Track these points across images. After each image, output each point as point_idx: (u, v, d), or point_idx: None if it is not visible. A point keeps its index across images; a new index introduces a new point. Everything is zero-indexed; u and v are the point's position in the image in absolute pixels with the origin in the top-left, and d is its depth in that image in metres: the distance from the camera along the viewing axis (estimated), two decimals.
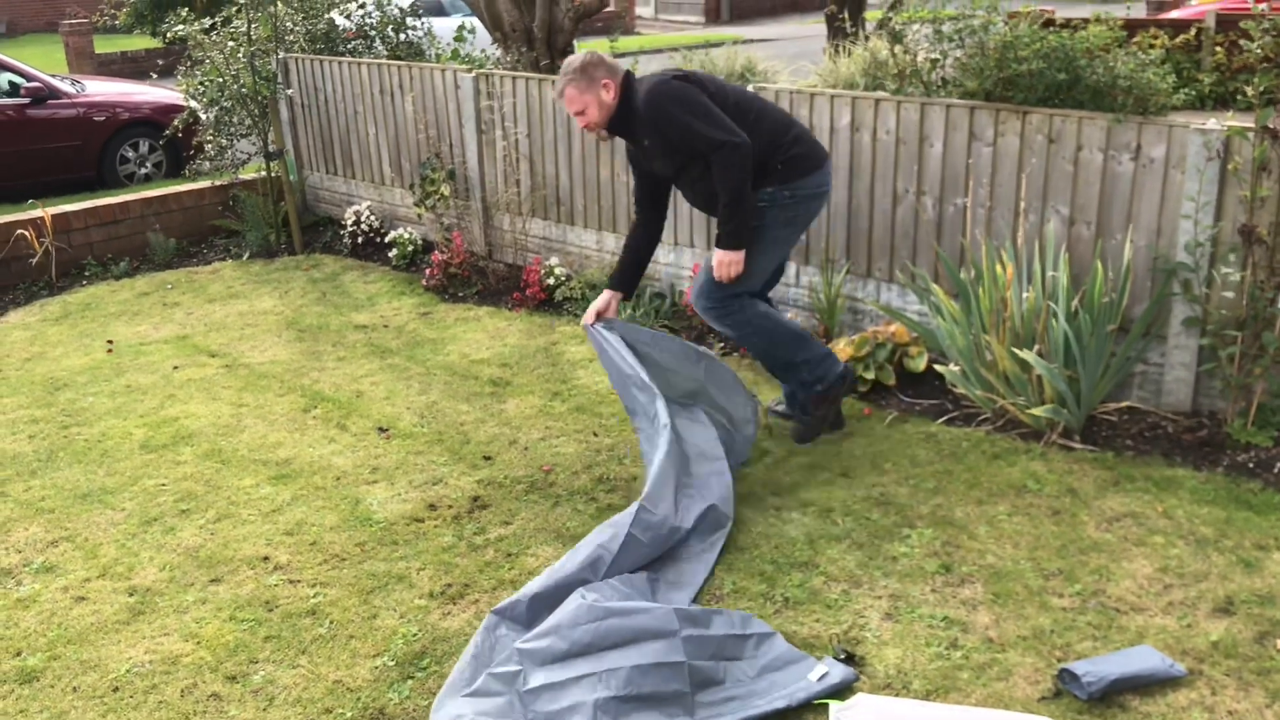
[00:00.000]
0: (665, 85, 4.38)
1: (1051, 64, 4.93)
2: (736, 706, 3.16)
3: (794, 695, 3.18)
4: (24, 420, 5.34)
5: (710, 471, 4.19)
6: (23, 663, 3.49)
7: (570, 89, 4.39)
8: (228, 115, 8.31)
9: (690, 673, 3.19)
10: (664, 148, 4.40)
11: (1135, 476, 4.37)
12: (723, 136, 4.25)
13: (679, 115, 4.30)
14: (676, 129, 4.31)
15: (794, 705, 3.16)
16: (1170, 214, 4.65)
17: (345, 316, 6.71)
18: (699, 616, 3.40)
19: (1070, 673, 3.19)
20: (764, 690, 3.22)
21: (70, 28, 20.17)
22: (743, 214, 4.36)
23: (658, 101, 4.34)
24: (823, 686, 3.21)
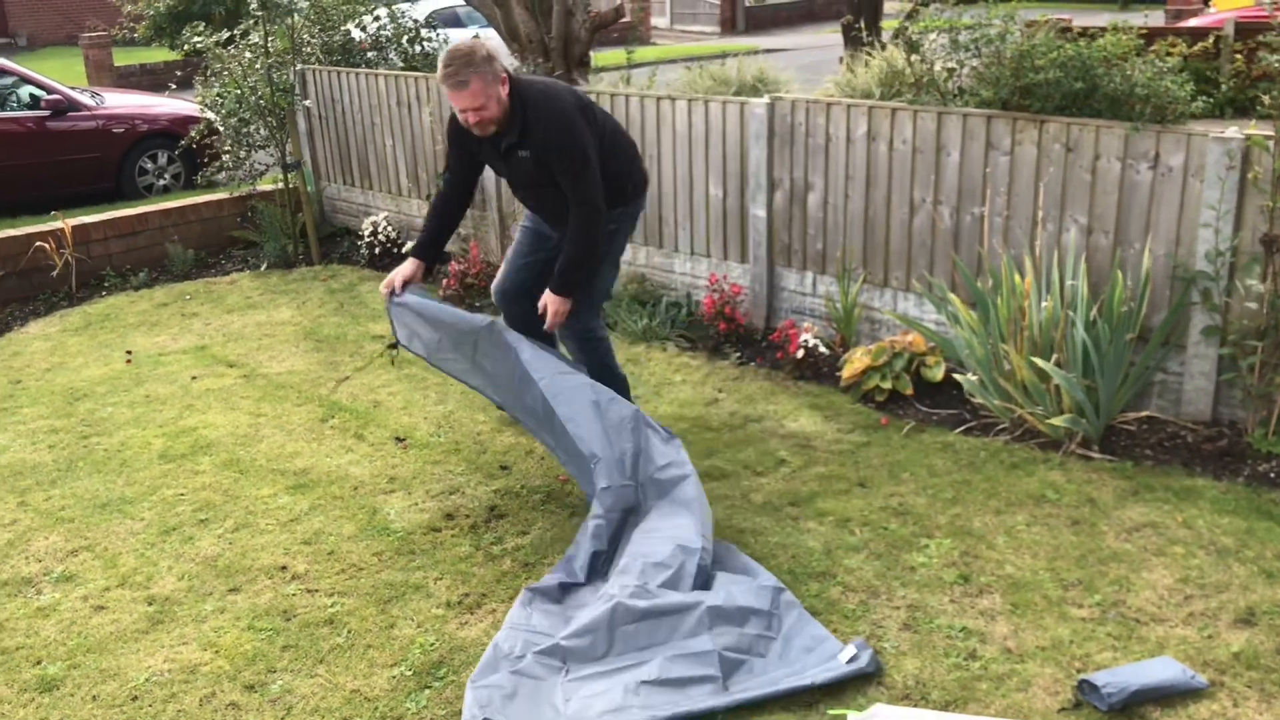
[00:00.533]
0: (570, 118, 4.29)
1: (1068, 73, 4.92)
2: (765, 683, 3.27)
3: (820, 675, 3.27)
4: (44, 430, 5.37)
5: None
6: (43, 671, 3.51)
7: (475, 80, 4.11)
8: (246, 126, 8.35)
9: (721, 661, 3.32)
10: (537, 166, 4.33)
11: (1155, 486, 4.34)
12: (598, 199, 4.33)
13: (576, 157, 4.28)
14: (566, 166, 4.29)
15: (819, 684, 3.24)
16: (1189, 223, 4.63)
17: (363, 327, 6.73)
18: (732, 613, 3.48)
19: (1090, 684, 3.18)
20: (793, 669, 3.32)
21: (90, 40, 20.33)
22: (586, 270, 4.45)
23: (556, 129, 4.26)
24: (850, 668, 3.29)
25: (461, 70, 4.11)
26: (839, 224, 5.73)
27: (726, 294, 6.06)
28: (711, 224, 6.27)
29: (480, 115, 4.18)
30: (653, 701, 3.22)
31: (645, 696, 3.23)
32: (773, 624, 3.50)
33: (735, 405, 5.29)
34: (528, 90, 4.29)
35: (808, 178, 5.79)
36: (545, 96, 4.31)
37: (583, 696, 3.26)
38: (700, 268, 6.39)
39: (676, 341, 6.07)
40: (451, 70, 4.12)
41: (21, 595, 3.95)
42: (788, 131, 5.79)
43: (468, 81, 4.11)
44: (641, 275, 6.65)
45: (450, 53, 4.18)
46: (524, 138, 4.27)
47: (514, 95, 4.23)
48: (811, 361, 5.59)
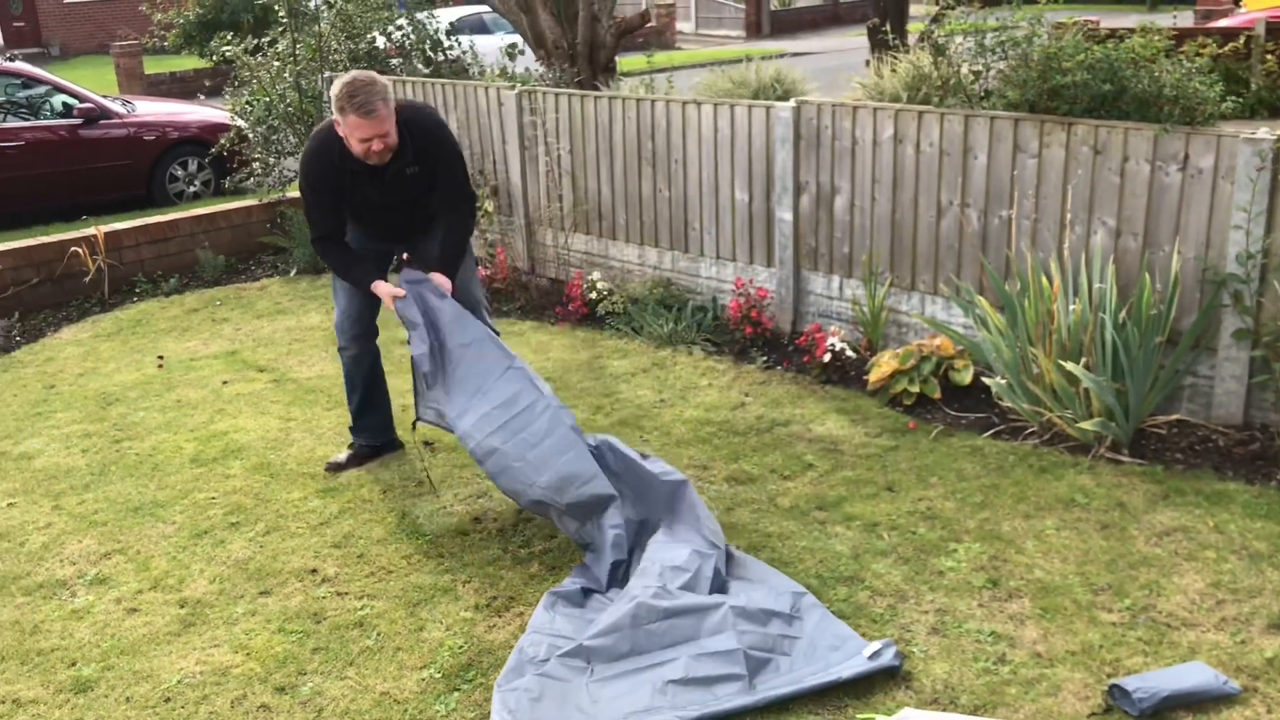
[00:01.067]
0: (444, 126, 4.54)
1: (1096, 75, 4.89)
2: (791, 680, 3.29)
3: (845, 670, 3.30)
4: (77, 435, 5.43)
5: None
6: (77, 673, 3.55)
7: (383, 107, 4.14)
8: (274, 134, 8.42)
9: (746, 659, 3.34)
10: (424, 178, 4.43)
11: (1185, 490, 4.31)
12: (472, 190, 4.67)
13: (457, 160, 4.55)
14: (449, 170, 4.49)
15: (844, 680, 3.26)
16: (1220, 225, 4.60)
17: (391, 331, 6.74)
18: (755, 614, 3.50)
19: (1121, 689, 3.16)
20: (817, 667, 3.33)
21: (121, 49, 20.55)
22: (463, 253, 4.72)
23: (444, 138, 4.47)
24: (874, 664, 3.31)
25: (371, 98, 4.10)
26: (865, 227, 5.72)
27: (753, 298, 6.07)
28: (737, 228, 6.27)
29: (385, 142, 4.20)
30: (680, 701, 3.23)
31: (673, 696, 3.24)
32: (794, 625, 3.51)
33: (762, 409, 5.29)
34: (399, 112, 4.31)
35: (834, 181, 5.78)
36: (417, 113, 4.44)
37: (609, 697, 3.27)
38: (726, 272, 6.39)
39: (702, 345, 6.08)
40: (361, 100, 4.09)
41: (56, 598, 4.00)
42: (814, 135, 5.79)
43: (376, 109, 4.11)
44: (667, 279, 6.66)
45: (352, 82, 4.13)
46: (415, 156, 4.36)
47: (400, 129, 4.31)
48: (838, 365, 5.58)
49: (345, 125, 4.17)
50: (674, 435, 5.04)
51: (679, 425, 5.14)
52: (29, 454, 5.24)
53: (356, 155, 4.25)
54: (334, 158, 4.32)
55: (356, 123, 4.12)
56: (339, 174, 4.35)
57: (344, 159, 4.30)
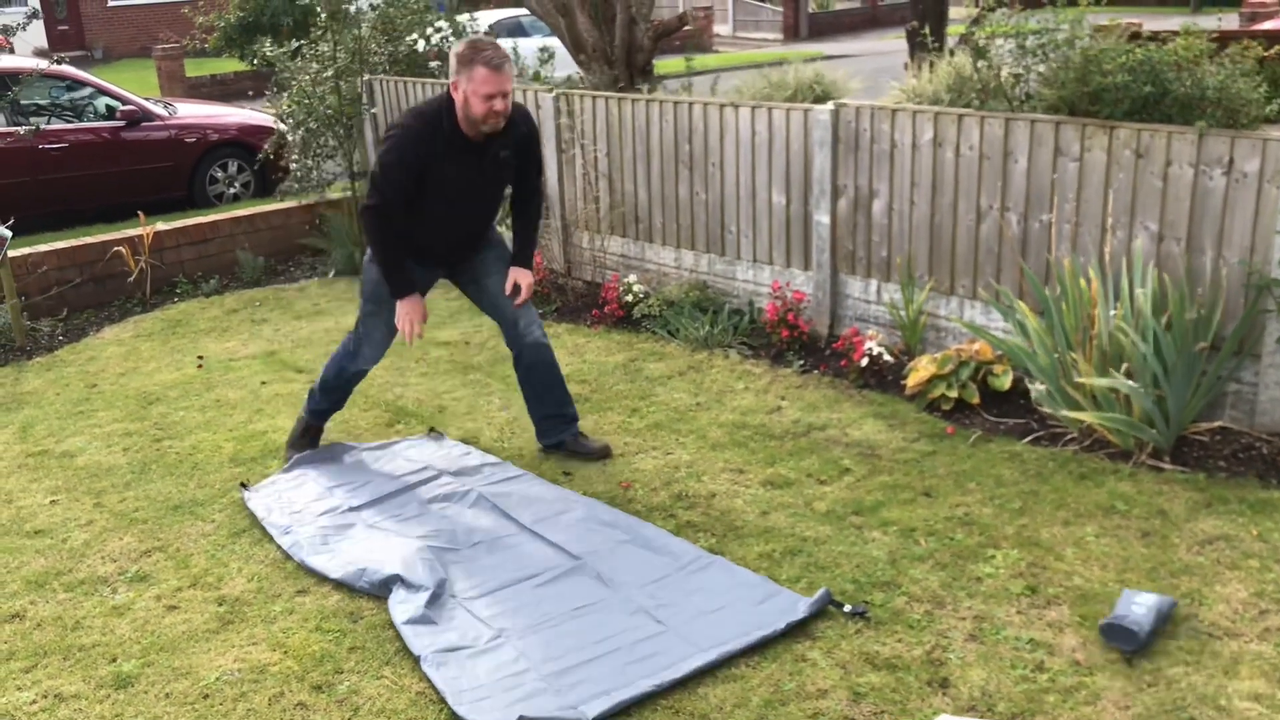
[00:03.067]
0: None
1: (1137, 77, 4.84)
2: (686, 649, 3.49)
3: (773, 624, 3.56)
4: (119, 434, 5.49)
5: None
6: (118, 669, 3.59)
7: (508, 66, 4.17)
8: (314, 137, 8.48)
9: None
10: (513, 164, 4.49)
11: (1228, 498, 4.26)
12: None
13: (538, 144, 4.66)
14: (538, 158, 4.66)
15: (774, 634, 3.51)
16: (1265, 229, 4.54)
17: (428, 333, 6.79)
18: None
19: (1118, 626, 3.38)
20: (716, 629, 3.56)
21: (163, 52, 20.80)
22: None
23: (535, 126, 4.61)
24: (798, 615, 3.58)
25: (498, 54, 4.13)
26: (904, 231, 5.69)
27: (789, 301, 6.05)
28: (774, 231, 6.26)
29: (506, 103, 4.20)
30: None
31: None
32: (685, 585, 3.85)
33: (798, 413, 5.27)
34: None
35: (872, 184, 5.75)
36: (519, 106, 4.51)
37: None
38: (763, 275, 6.38)
39: (738, 349, 6.06)
40: (490, 54, 4.11)
41: (97, 594, 4.05)
42: (852, 138, 5.77)
43: (503, 65, 4.12)
44: (703, 282, 6.65)
45: (477, 40, 4.22)
46: (513, 139, 4.41)
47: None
48: (876, 370, 5.55)
49: (471, 82, 4.13)
50: (710, 439, 5.04)
51: (715, 429, 5.14)
52: (71, 452, 5.30)
53: (475, 117, 4.20)
54: (441, 132, 4.25)
55: (485, 76, 4.10)
56: (436, 153, 4.28)
57: (452, 133, 4.27)
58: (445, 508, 4.44)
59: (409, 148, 4.29)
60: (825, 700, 3.26)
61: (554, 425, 4.91)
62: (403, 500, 4.52)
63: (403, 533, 4.25)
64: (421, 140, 4.28)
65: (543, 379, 4.84)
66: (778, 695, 3.29)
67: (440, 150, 4.28)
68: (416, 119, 4.34)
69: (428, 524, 4.31)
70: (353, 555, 4.11)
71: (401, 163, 4.30)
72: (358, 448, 5.03)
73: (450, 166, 4.34)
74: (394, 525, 4.32)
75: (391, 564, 3.97)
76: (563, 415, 4.90)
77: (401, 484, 4.66)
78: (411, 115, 4.39)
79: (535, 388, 4.87)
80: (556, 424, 4.91)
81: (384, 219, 4.39)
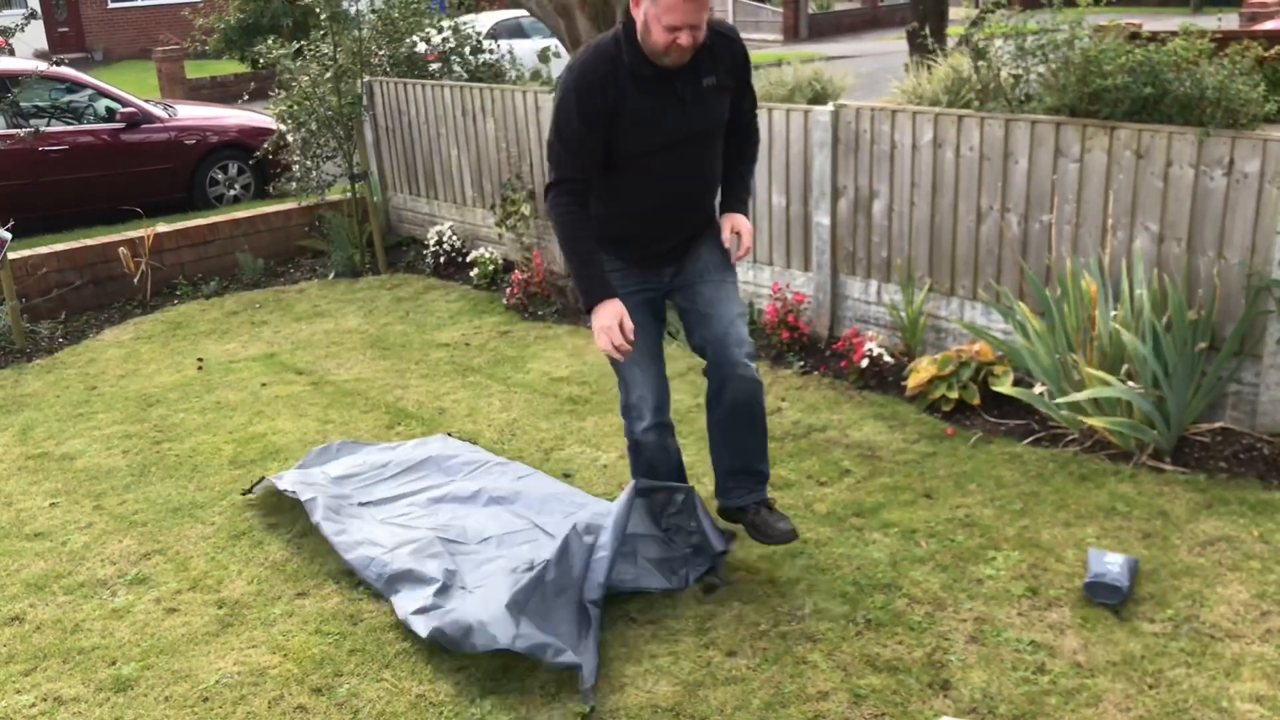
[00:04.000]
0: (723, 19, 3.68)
1: (1137, 78, 4.84)
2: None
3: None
4: (118, 436, 5.49)
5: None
6: (117, 671, 3.58)
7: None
8: (314, 138, 8.48)
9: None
10: (723, 93, 3.56)
11: (1229, 500, 4.25)
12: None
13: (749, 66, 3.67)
14: (748, 77, 3.64)
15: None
16: (1265, 230, 4.53)
17: (428, 335, 6.80)
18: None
19: (1103, 584, 3.61)
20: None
21: (163, 54, 20.79)
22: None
23: (736, 33, 3.61)
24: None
25: None
26: (904, 232, 5.68)
27: (789, 302, 6.04)
28: (774, 232, 6.25)
29: (694, 36, 3.32)
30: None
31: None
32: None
33: (799, 414, 5.26)
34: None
35: (873, 185, 5.75)
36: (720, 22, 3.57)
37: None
38: (763, 276, 6.37)
39: None
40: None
41: (97, 597, 4.04)
42: (852, 139, 5.76)
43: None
44: None
45: None
46: (713, 62, 3.47)
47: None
48: (876, 371, 5.55)
49: (654, 4, 3.26)
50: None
51: None
52: (71, 454, 5.30)
53: (654, 48, 3.34)
54: (621, 65, 3.37)
55: (671, 3, 3.23)
56: (621, 93, 3.38)
57: (636, 63, 3.38)
58: (456, 506, 4.42)
59: (585, 93, 3.38)
60: (826, 702, 3.25)
61: (741, 483, 3.87)
62: (412, 499, 4.51)
63: (411, 526, 4.25)
64: (599, 79, 3.38)
65: (744, 423, 3.79)
66: (778, 697, 3.29)
67: (625, 88, 3.38)
68: (589, 53, 3.44)
69: (438, 519, 4.29)
70: (361, 537, 4.13)
71: (580, 114, 3.39)
72: (367, 448, 5.00)
73: (642, 107, 3.42)
74: (404, 521, 4.31)
75: (400, 559, 3.94)
76: (755, 472, 3.88)
77: (411, 482, 4.65)
78: (583, 51, 3.49)
79: (732, 433, 3.82)
80: (744, 481, 3.87)
81: (572, 197, 3.48)
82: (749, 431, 3.81)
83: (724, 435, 3.84)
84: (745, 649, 3.52)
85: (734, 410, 3.76)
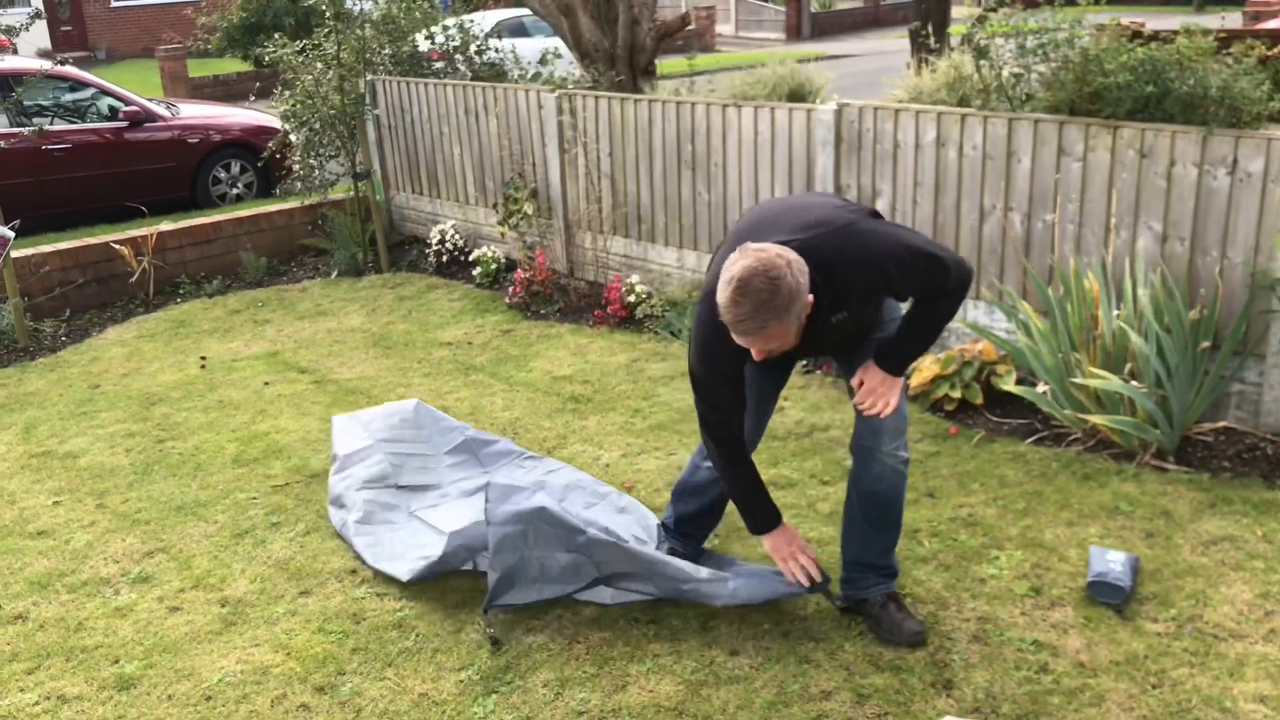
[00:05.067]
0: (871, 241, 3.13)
1: (1139, 76, 4.83)
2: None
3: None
4: (121, 434, 5.49)
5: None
6: (120, 670, 3.59)
7: (775, 325, 2.97)
8: (317, 137, 8.48)
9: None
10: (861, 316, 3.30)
11: (1233, 499, 4.25)
12: (948, 257, 3.19)
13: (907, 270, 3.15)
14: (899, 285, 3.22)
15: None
16: (1269, 229, 4.53)
17: (430, 333, 6.80)
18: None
19: (1105, 584, 3.61)
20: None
21: (165, 53, 20.81)
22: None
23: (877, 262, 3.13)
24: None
25: (758, 314, 2.93)
26: None
27: None
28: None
29: (783, 343, 3.08)
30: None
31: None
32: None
33: (801, 414, 5.26)
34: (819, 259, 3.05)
35: (875, 184, 5.75)
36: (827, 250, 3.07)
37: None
38: None
39: None
40: (744, 314, 2.94)
41: (100, 595, 4.04)
42: (855, 138, 5.76)
43: (760, 331, 2.98)
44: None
45: (739, 285, 2.91)
46: (836, 306, 3.16)
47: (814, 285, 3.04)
48: None
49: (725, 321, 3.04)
50: None
51: None
52: (74, 453, 5.30)
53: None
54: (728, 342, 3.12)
55: (737, 334, 3.04)
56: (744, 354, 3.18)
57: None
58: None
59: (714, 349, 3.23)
60: (829, 702, 3.25)
61: (867, 575, 3.61)
62: (443, 491, 4.50)
63: (439, 525, 4.23)
64: (710, 345, 3.23)
65: (882, 513, 3.55)
66: (781, 697, 3.29)
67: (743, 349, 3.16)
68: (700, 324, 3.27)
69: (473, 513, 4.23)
70: (395, 549, 4.14)
71: (716, 368, 3.28)
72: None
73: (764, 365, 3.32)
74: (434, 515, 4.32)
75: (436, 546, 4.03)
76: (885, 567, 3.61)
77: (443, 475, 4.63)
78: (699, 311, 3.28)
79: (867, 522, 3.57)
80: (870, 575, 3.61)
81: (725, 434, 3.39)
82: (888, 524, 3.57)
83: (861, 524, 3.59)
84: (748, 648, 3.52)
85: (873, 499, 3.53)
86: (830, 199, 3.43)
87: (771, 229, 3.16)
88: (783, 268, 2.92)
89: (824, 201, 3.36)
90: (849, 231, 3.13)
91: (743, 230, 3.26)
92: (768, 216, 3.29)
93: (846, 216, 3.18)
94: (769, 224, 3.21)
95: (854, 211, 3.23)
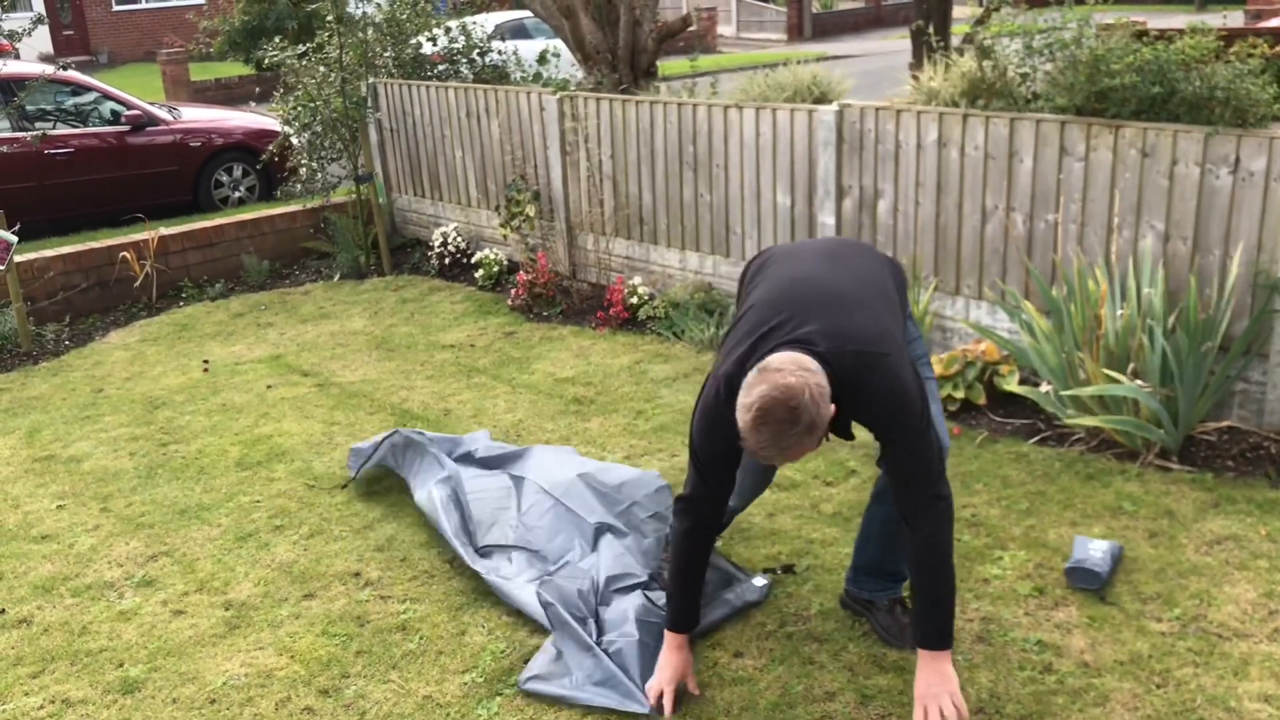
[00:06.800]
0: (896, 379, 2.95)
1: (1145, 77, 4.83)
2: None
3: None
4: (125, 438, 5.49)
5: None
6: (125, 673, 3.59)
7: (794, 449, 2.84)
8: (319, 140, 8.49)
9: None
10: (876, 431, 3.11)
11: (1237, 499, 4.24)
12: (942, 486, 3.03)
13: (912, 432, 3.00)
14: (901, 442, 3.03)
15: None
16: (1272, 228, 4.52)
17: (433, 336, 6.80)
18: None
19: (1083, 569, 3.68)
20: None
21: (167, 57, 20.82)
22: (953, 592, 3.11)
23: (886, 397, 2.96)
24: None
25: (778, 440, 2.82)
26: (909, 231, 5.68)
27: None
28: (779, 232, 6.25)
29: (794, 458, 2.96)
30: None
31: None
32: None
33: None
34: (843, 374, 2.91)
35: (877, 185, 5.75)
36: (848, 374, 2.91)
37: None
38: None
39: None
40: (764, 441, 2.82)
41: (104, 599, 4.05)
42: (856, 138, 5.76)
43: (786, 450, 2.87)
44: (708, 284, 6.64)
45: (759, 415, 2.78)
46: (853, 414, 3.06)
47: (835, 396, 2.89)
48: None
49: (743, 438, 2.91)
50: None
51: None
52: (78, 456, 5.31)
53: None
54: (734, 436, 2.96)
55: (749, 446, 2.90)
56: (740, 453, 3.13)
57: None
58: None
59: (716, 441, 3.13)
60: (833, 703, 3.25)
61: (877, 579, 3.62)
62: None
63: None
64: (716, 434, 3.12)
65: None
66: (785, 698, 3.28)
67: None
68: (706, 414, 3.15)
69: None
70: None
71: (719, 448, 3.15)
72: (430, 440, 4.71)
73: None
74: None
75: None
76: (896, 573, 3.61)
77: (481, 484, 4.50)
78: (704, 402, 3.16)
79: (888, 539, 3.54)
80: (881, 579, 3.62)
81: (696, 519, 3.28)
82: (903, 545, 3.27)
83: (878, 537, 3.55)
84: (752, 649, 3.52)
85: (891, 522, 3.37)
86: (876, 280, 3.21)
87: (809, 314, 2.99)
88: (803, 397, 2.76)
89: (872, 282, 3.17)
90: (880, 368, 2.94)
91: (775, 296, 3.11)
92: (808, 294, 3.09)
93: (885, 347, 2.97)
94: (806, 303, 3.04)
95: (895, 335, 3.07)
